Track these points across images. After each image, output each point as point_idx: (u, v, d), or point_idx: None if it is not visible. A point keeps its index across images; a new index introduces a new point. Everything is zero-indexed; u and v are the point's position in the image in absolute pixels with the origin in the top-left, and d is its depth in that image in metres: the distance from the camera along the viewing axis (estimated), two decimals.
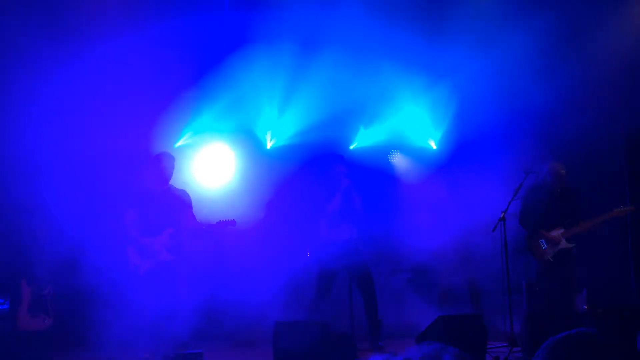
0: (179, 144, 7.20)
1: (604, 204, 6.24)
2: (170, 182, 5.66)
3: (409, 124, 7.93)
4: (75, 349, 6.22)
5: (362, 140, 7.89)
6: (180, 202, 5.58)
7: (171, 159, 5.58)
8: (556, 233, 5.82)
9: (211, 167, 7.56)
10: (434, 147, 8.14)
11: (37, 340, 5.96)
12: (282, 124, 7.70)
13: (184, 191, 5.71)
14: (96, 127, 6.71)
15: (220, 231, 5.54)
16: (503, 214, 5.63)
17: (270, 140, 7.75)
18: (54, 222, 6.49)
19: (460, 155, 7.89)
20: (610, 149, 7.42)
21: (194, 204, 5.80)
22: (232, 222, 5.55)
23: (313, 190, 5.97)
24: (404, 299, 7.09)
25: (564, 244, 5.81)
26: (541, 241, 5.86)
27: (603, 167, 7.31)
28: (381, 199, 7.63)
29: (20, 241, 6.23)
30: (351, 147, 7.80)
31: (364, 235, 7.09)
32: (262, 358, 5.41)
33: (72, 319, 6.34)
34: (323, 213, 5.87)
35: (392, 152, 8.27)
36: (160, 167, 5.50)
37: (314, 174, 6.34)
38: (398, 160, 8.27)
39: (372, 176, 7.48)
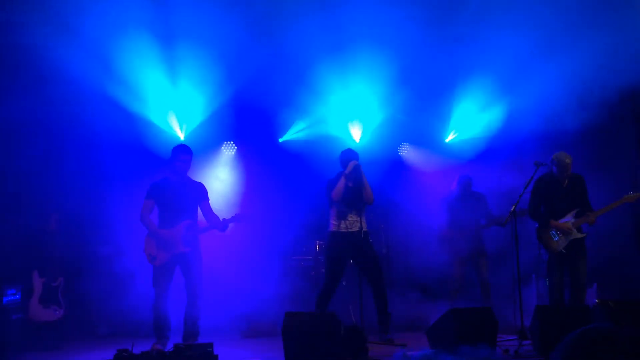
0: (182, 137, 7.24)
1: (615, 190, 6.20)
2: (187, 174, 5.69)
3: (420, 117, 7.92)
4: (86, 339, 6.28)
5: (371, 133, 7.89)
6: (197, 194, 5.61)
7: (189, 151, 5.61)
8: (567, 223, 5.79)
9: (220, 164, 7.63)
10: (447, 140, 8.15)
11: (48, 330, 6.01)
12: (290, 120, 7.73)
13: (200, 184, 5.74)
14: (113, 120, 6.77)
15: (235, 224, 5.55)
16: (514, 207, 5.60)
17: (283, 135, 7.79)
18: (71, 213, 6.57)
19: (470, 150, 7.90)
20: (621, 133, 7.37)
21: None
22: (245, 217, 5.56)
23: (328, 185, 5.92)
24: (414, 292, 7.10)
25: (575, 233, 5.77)
26: (552, 232, 5.82)
27: (614, 153, 7.25)
28: (391, 191, 7.65)
29: (32, 232, 6.28)
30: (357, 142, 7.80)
31: (374, 226, 7.11)
32: (272, 349, 5.43)
33: (84, 310, 6.40)
34: (333, 202, 5.83)
35: (401, 144, 8.27)
36: (178, 159, 5.53)
37: (329, 170, 6.30)
38: (408, 153, 8.27)
39: (382, 169, 7.49)
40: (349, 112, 7.71)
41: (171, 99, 7.11)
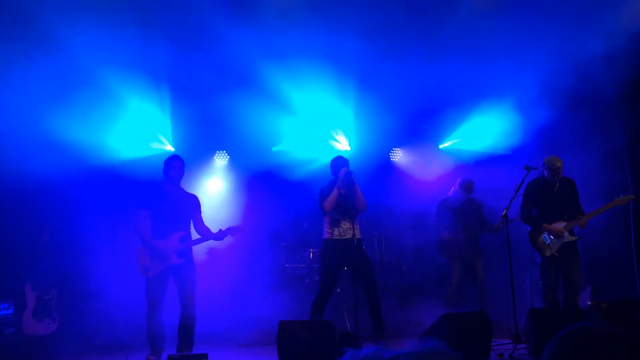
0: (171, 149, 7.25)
1: (607, 193, 6.23)
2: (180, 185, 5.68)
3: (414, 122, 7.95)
4: (80, 352, 6.24)
5: (362, 139, 7.90)
6: (190, 206, 5.61)
7: (179, 158, 5.61)
8: (559, 226, 5.81)
9: (213, 175, 7.64)
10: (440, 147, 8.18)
11: (42, 344, 5.97)
12: (285, 128, 7.74)
13: (194, 195, 5.73)
14: (105, 130, 6.76)
15: (229, 237, 5.54)
16: (505, 211, 5.63)
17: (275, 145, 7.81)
18: (63, 226, 6.54)
19: (465, 155, 7.93)
20: (612, 136, 7.41)
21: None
22: (241, 229, 5.55)
23: (321, 194, 5.92)
24: (409, 298, 7.11)
25: (567, 236, 5.79)
26: (545, 235, 5.85)
27: (605, 156, 7.30)
28: (384, 197, 7.66)
29: (25, 245, 6.26)
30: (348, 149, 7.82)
31: (368, 232, 7.12)
32: (267, 358, 5.41)
33: (78, 323, 6.36)
34: (326, 211, 5.83)
35: (393, 150, 8.29)
36: (170, 166, 5.52)
37: (321, 178, 6.31)
38: (400, 158, 8.28)
39: (374, 175, 7.51)
40: (341, 118, 7.72)
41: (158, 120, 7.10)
